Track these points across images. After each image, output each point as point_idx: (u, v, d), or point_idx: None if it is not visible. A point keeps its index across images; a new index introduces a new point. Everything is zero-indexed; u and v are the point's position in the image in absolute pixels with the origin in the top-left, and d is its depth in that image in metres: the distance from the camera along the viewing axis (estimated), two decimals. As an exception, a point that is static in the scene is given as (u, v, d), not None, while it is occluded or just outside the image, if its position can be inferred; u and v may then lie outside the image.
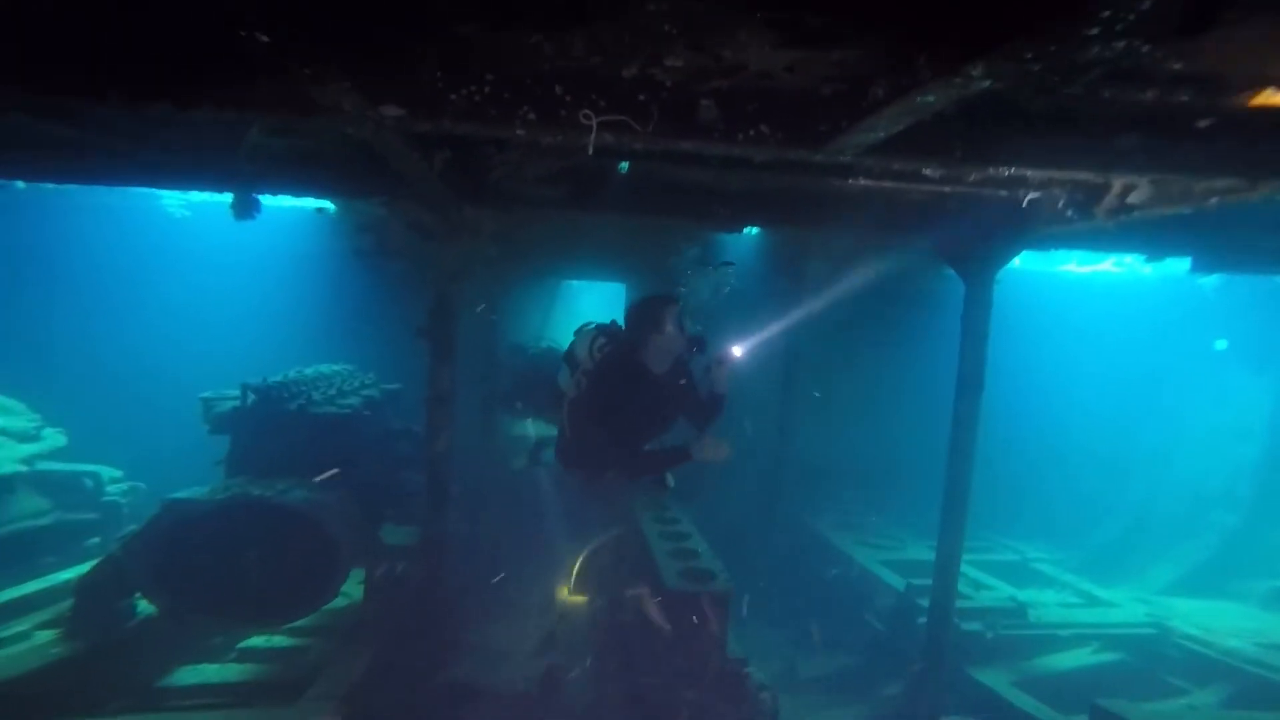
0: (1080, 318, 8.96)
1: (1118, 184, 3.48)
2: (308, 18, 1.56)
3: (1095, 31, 1.38)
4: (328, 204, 5.05)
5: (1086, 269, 10.49)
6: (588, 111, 2.35)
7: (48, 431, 5.70)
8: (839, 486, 7.73)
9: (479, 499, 6.23)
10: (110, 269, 7.08)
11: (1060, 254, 8.94)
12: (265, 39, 1.50)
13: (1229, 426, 8.56)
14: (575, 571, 5.30)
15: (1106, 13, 1.30)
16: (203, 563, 3.71)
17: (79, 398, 6.09)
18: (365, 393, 5.78)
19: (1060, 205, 3.69)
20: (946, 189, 3.74)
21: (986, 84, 1.75)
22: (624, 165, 3.42)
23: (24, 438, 5.43)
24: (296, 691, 3.52)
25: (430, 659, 4.41)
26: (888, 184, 3.64)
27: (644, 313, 3.66)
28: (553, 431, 4.49)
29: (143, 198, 7.12)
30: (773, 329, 4.74)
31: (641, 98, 2.30)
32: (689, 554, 4.12)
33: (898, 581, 5.62)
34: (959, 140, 2.71)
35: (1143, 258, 5.20)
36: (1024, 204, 3.81)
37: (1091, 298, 9.47)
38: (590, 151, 2.51)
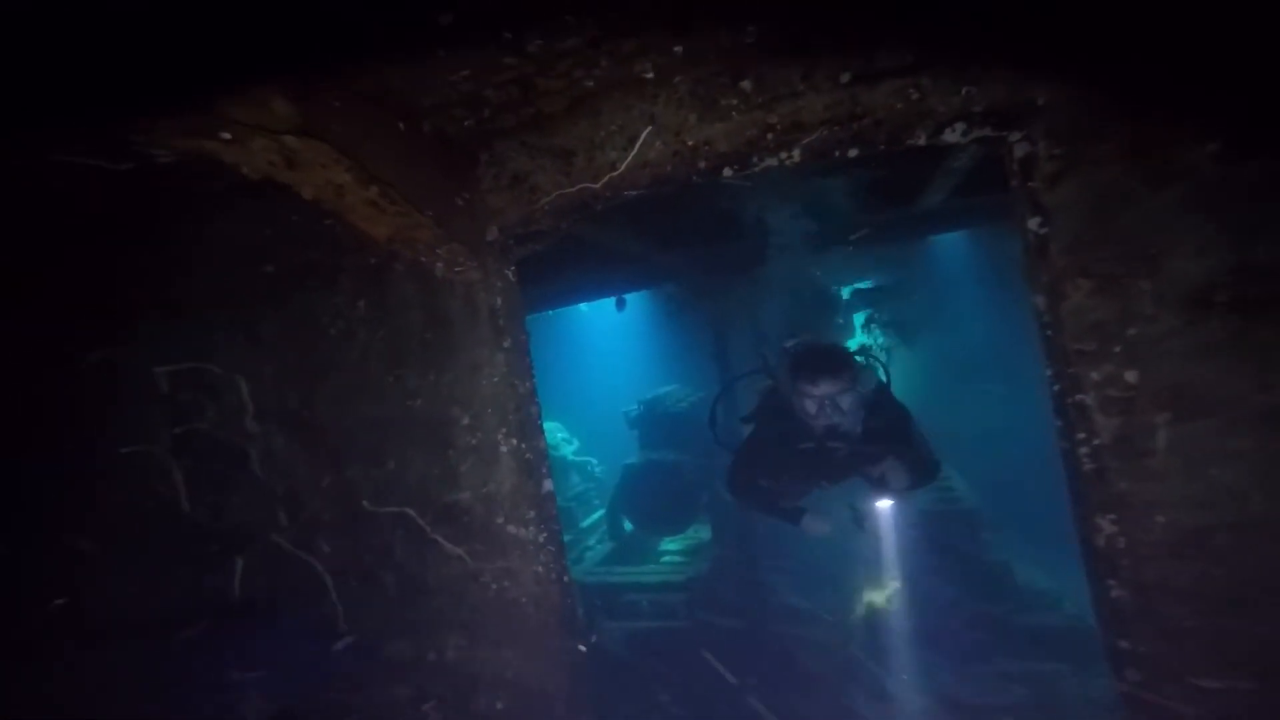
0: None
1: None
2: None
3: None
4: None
5: None
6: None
7: (575, 439, 10.65)
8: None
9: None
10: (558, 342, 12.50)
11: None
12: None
13: None
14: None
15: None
16: (638, 497, 7.19)
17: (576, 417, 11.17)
18: (689, 399, 9.05)
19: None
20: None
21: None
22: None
23: (567, 443, 10.40)
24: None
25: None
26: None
27: (797, 365, 3.04)
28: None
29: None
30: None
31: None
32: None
33: None
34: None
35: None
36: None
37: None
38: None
